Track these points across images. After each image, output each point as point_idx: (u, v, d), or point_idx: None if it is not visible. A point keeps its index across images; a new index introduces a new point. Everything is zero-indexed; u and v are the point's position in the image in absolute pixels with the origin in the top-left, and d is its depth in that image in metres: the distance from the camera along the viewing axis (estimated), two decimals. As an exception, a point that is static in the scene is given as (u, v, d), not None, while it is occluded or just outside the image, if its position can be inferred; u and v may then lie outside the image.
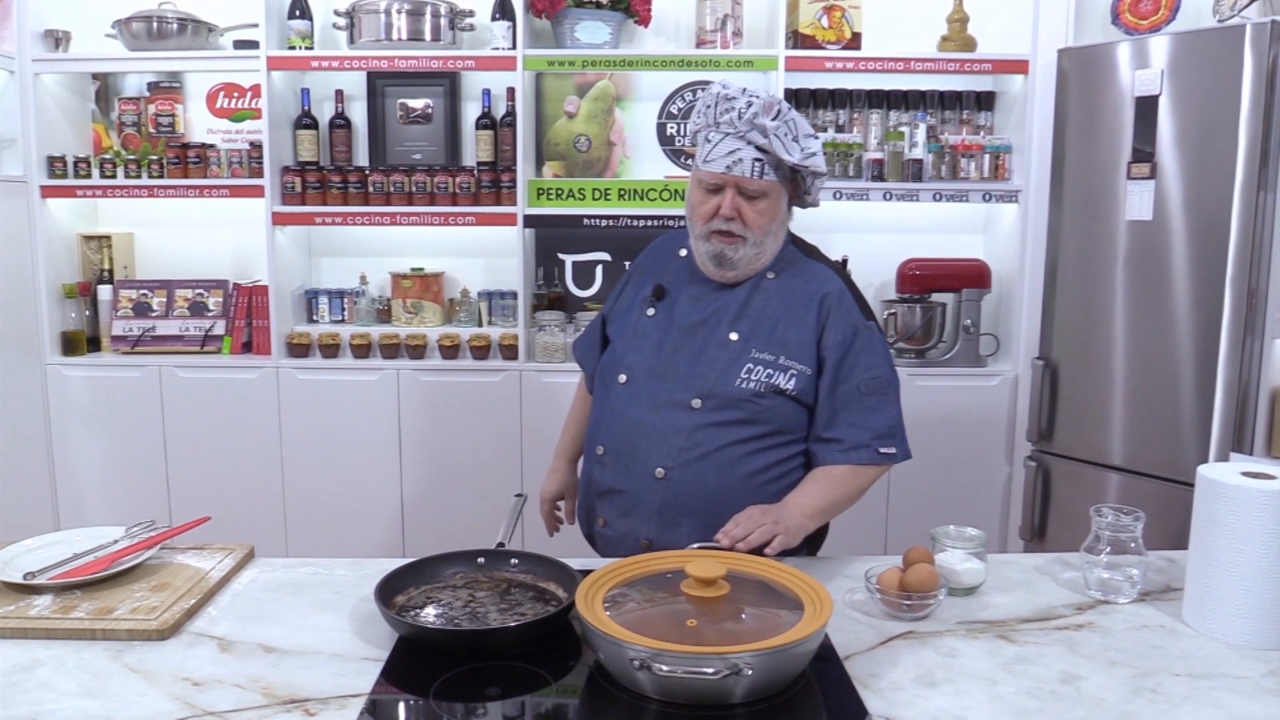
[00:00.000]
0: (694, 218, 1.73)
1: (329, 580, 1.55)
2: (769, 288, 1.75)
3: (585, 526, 1.89)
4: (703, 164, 1.70)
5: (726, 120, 1.67)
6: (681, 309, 1.77)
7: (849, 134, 3.36)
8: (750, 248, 1.71)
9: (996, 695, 1.19)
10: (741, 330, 1.72)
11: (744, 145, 1.66)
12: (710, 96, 1.70)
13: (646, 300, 1.81)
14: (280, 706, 1.16)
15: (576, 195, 3.30)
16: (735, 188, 1.68)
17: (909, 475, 3.17)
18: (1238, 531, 1.30)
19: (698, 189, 1.72)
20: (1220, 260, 2.54)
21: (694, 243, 1.76)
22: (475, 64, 3.24)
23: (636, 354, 1.77)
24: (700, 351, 1.72)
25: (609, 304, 1.94)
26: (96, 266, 3.44)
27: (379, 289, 3.51)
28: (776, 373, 1.69)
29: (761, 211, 1.69)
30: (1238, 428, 2.58)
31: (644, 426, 1.72)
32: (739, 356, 1.70)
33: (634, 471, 1.72)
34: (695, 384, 1.70)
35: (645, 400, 1.73)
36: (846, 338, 1.71)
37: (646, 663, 1.12)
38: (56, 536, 1.60)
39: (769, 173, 1.67)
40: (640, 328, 1.79)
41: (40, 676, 1.23)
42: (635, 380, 1.75)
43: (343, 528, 3.32)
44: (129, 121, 3.49)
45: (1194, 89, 2.58)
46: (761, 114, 1.64)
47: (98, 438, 3.32)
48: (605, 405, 1.79)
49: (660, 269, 1.85)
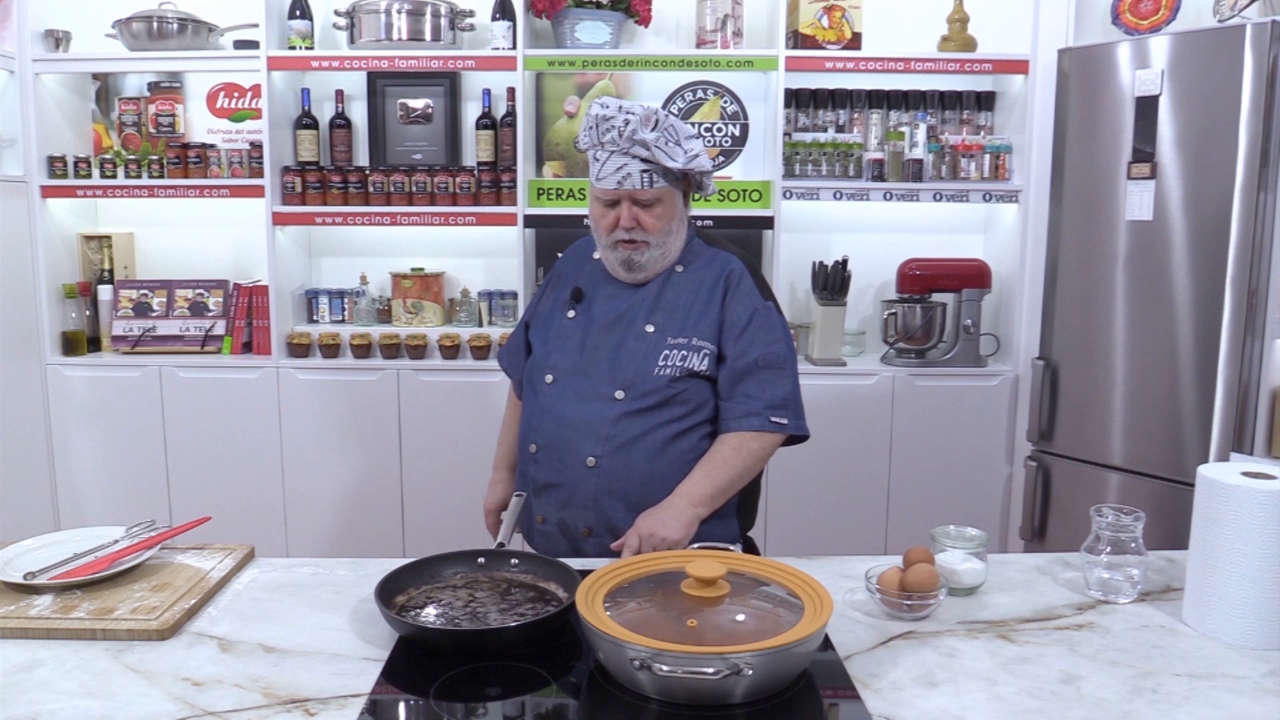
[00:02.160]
0: (598, 230, 1.85)
1: (329, 580, 1.55)
2: (678, 280, 1.87)
3: (524, 528, 1.91)
4: (596, 181, 1.80)
5: (609, 139, 1.76)
6: (599, 308, 1.87)
7: (849, 134, 3.36)
8: (654, 249, 1.82)
9: (997, 695, 1.19)
10: (656, 322, 1.83)
11: (630, 160, 1.76)
12: (590, 119, 1.78)
13: (566, 303, 1.91)
14: (280, 706, 1.16)
15: (576, 195, 3.30)
16: (629, 200, 1.78)
17: (909, 475, 3.19)
18: (1238, 531, 1.30)
19: (597, 204, 1.83)
20: (1220, 260, 2.54)
21: (602, 251, 1.88)
22: (475, 64, 3.24)
23: (560, 354, 1.86)
24: (619, 345, 1.82)
25: (529, 310, 2.02)
26: (97, 266, 3.45)
27: (379, 289, 3.51)
28: (690, 354, 1.79)
29: (658, 216, 1.80)
30: (1238, 428, 2.58)
31: (572, 421, 1.80)
32: (656, 346, 1.80)
33: (567, 464, 1.80)
34: (617, 376, 1.80)
35: (572, 396, 1.82)
36: (745, 316, 1.82)
37: (646, 663, 1.12)
38: (57, 536, 1.60)
39: (658, 180, 1.78)
40: (562, 329, 1.89)
41: (40, 676, 1.23)
42: (561, 379, 1.84)
43: (343, 528, 3.32)
44: (129, 121, 3.49)
45: (1194, 89, 2.58)
46: (640, 128, 1.73)
47: (98, 438, 3.32)
48: (534, 405, 1.87)
49: (576, 272, 1.95)
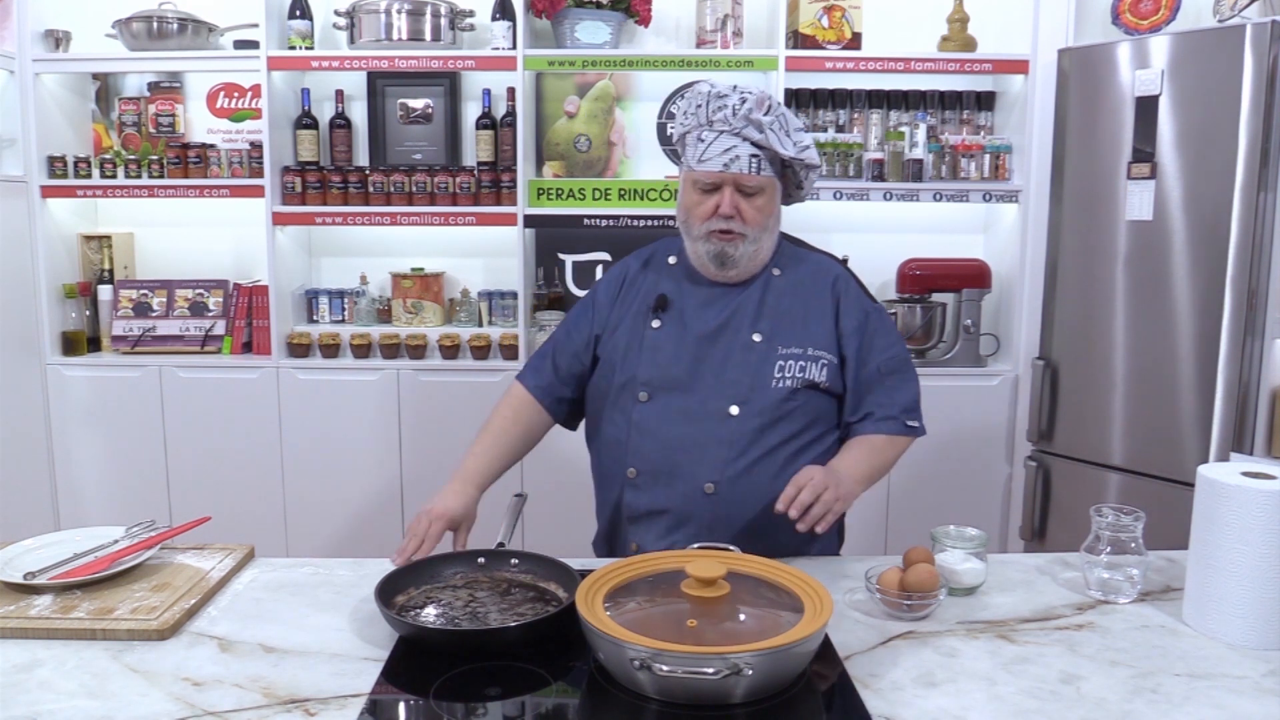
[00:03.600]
0: (691, 219, 1.71)
1: (329, 580, 1.55)
2: (779, 285, 1.74)
3: (606, 555, 1.81)
4: (697, 164, 1.67)
5: (720, 118, 1.65)
6: (692, 316, 1.73)
7: (849, 134, 3.36)
8: (749, 244, 1.69)
9: (996, 695, 1.19)
10: (763, 330, 1.70)
11: (740, 142, 1.64)
12: (700, 96, 1.68)
13: (647, 313, 1.75)
14: (280, 706, 1.16)
15: (577, 195, 3.30)
16: (733, 185, 1.66)
17: (909, 475, 3.18)
18: (1238, 531, 1.30)
19: (692, 190, 1.70)
20: (1220, 260, 2.54)
21: (691, 244, 1.73)
22: (475, 64, 3.24)
23: (652, 368, 1.70)
24: (725, 357, 1.69)
25: (576, 327, 1.83)
26: (97, 266, 3.45)
27: (379, 289, 3.51)
28: (808, 364, 1.68)
29: (760, 208, 1.68)
30: (1238, 428, 2.58)
31: (682, 442, 1.66)
32: (767, 356, 1.68)
33: (677, 490, 1.66)
34: (728, 391, 1.67)
35: (676, 415, 1.67)
36: (860, 323, 1.73)
37: (647, 663, 1.12)
38: (57, 536, 1.60)
39: (765, 168, 1.67)
40: (651, 341, 1.72)
41: (40, 676, 1.23)
42: (657, 396, 1.69)
43: (343, 528, 3.32)
44: (129, 121, 3.49)
45: (1194, 89, 2.58)
46: (755, 109, 1.64)
47: (98, 438, 3.32)
48: (625, 427, 1.71)
49: (653, 280, 1.79)
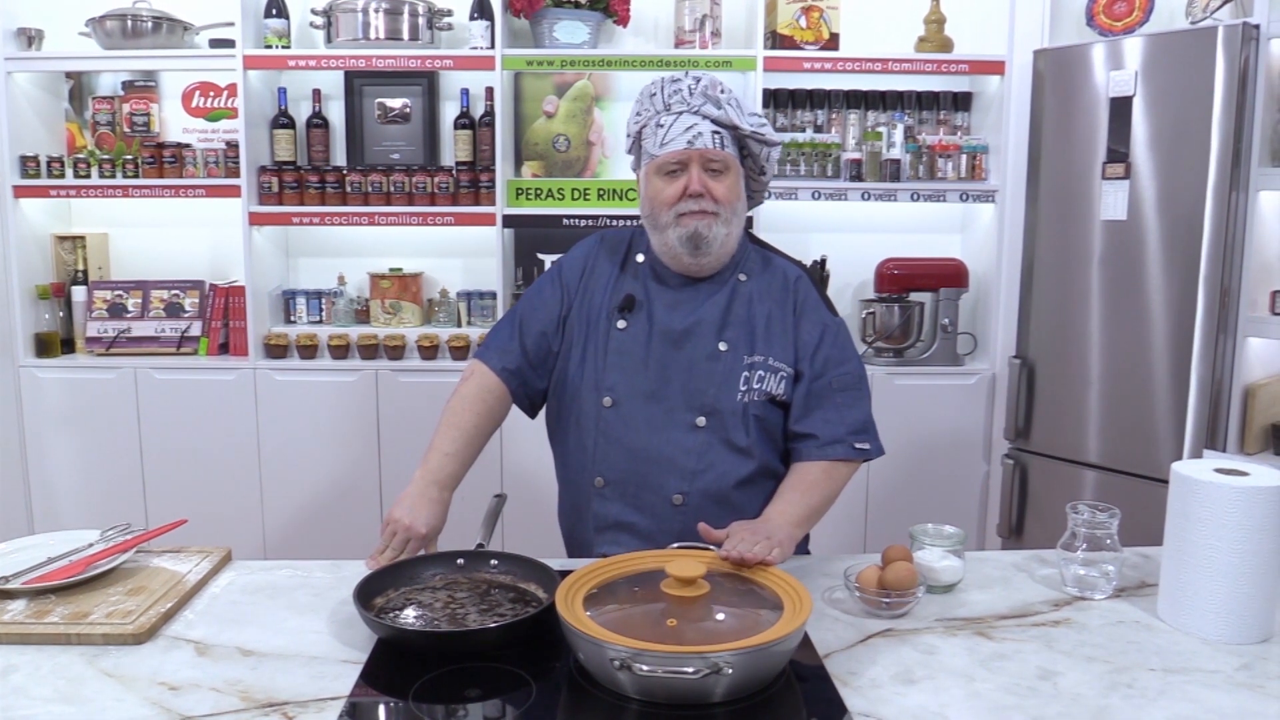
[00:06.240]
0: (657, 208, 1.67)
1: (307, 583, 1.54)
2: (745, 290, 1.71)
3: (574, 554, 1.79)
4: (660, 148, 1.65)
5: (678, 100, 1.66)
6: (660, 317, 1.69)
7: (827, 134, 3.37)
8: (721, 225, 1.65)
9: (975, 692, 1.20)
10: (729, 339, 1.67)
11: (700, 120, 1.64)
12: (654, 85, 1.70)
13: (611, 312, 1.72)
14: (258, 710, 1.16)
15: (555, 195, 3.30)
16: (700, 163, 1.64)
17: (888, 474, 3.20)
18: (1211, 528, 1.31)
19: (656, 178, 1.67)
20: (1194, 259, 2.57)
21: (660, 236, 1.69)
22: (454, 63, 3.23)
23: (618, 372, 1.68)
24: (691, 365, 1.66)
25: (535, 305, 1.77)
26: (70, 267, 3.41)
27: (357, 289, 3.49)
28: (769, 376, 1.65)
29: (729, 187, 1.66)
30: (1211, 425, 2.61)
31: (650, 452, 1.64)
32: (734, 368, 1.66)
33: (646, 501, 1.65)
34: (695, 401, 1.64)
35: (642, 423, 1.65)
36: (818, 335, 1.70)
37: (627, 663, 1.12)
38: (31, 540, 1.58)
39: (729, 144, 1.66)
40: (616, 344, 1.69)
41: (14, 682, 1.22)
42: (623, 402, 1.66)
43: (321, 530, 3.30)
44: (103, 121, 3.45)
45: (1167, 90, 2.61)
46: (710, 88, 1.66)
47: (72, 440, 3.28)
48: (593, 432, 1.68)
49: (618, 274, 1.76)
